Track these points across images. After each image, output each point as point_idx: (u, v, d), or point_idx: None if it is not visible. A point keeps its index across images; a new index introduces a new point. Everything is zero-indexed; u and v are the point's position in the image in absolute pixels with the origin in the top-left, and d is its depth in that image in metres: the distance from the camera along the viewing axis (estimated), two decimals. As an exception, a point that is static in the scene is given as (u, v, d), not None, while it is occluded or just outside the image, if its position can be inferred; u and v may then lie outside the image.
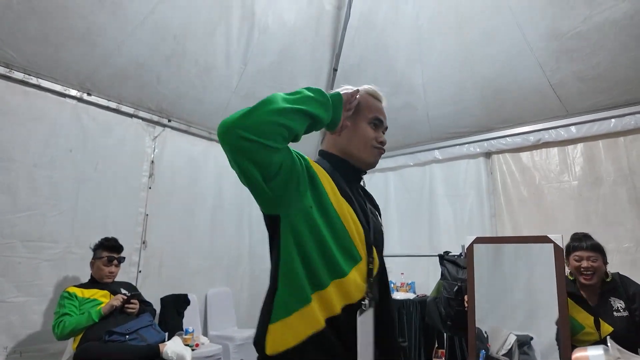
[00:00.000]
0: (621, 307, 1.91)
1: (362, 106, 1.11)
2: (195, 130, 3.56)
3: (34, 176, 2.53)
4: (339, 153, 1.10)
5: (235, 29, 3.11)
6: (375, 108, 1.14)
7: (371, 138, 1.10)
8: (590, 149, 3.11)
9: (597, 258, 1.97)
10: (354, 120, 1.09)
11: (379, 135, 1.12)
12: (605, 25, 2.63)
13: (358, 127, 1.09)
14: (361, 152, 1.10)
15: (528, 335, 2.08)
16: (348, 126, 1.05)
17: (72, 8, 2.41)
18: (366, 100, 1.13)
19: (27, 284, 2.45)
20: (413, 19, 3.23)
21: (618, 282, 1.99)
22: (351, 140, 1.09)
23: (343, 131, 1.06)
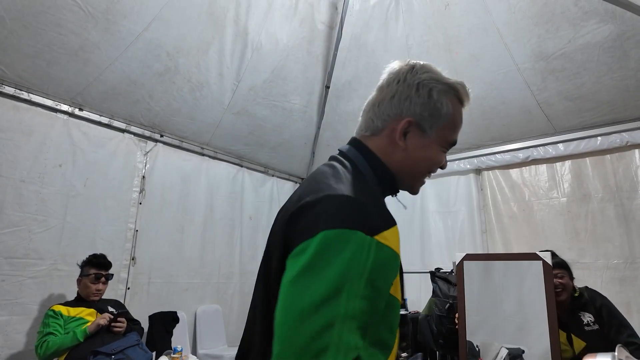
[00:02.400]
0: (591, 321, 1.94)
1: (449, 119, 0.79)
2: (188, 145, 3.56)
3: (22, 192, 2.50)
4: (392, 168, 0.80)
5: (229, 47, 3.15)
6: (460, 125, 0.83)
7: (439, 165, 0.83)
8: (578, 166, 3.16)
9: (563, 274, 2.02)
10: (429, 136, 0.78)
11: (445, 159, 0.84)
12: (589, 47, 2.71)
13: (431, 149, 0.80)
14: (416, 180, 0.84)
15: (519, 349, 2.08)
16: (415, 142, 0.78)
17: (65, 25, 2.43)
18: (456, 112, 0.80)
19: (10, 302, 2.39)
20: (403, 39, 3.31)
21: (586, 297, 2.03)
22: (416, 161, 0.80)
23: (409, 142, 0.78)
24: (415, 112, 0.77)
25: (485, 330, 2.20)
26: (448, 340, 2.38)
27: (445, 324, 2.42)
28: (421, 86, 0.77)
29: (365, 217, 0.65)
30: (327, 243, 0.61)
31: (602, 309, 1.95)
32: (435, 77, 0.78)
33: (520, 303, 2.17)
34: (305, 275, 0.60)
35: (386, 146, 0.79)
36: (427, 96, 0.77)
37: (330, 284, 0.59)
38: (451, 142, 0.81)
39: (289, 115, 3.74)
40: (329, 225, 0.62)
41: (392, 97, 0.79)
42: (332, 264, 0.60)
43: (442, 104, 0.77)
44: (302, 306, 0.58)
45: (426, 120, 0.77)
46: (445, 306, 2.46)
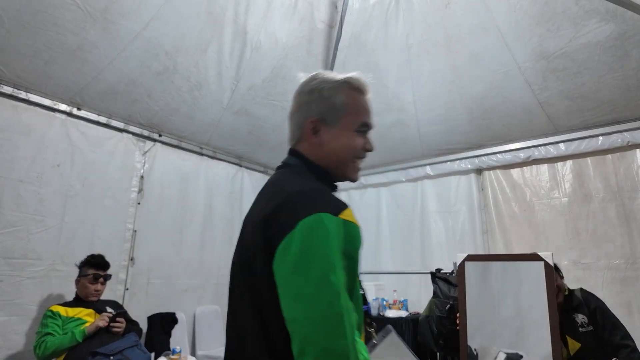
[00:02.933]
0: (585, 323, 1.93)
1: (348, 108, 0.90)
2: (186, 145, 3.55)
3: (20, 192, 2.49)
4: (322, 164, 0.90)
5: (228, 46, 3.13)
6: (363, 109, 0.92)
7: (359, 148, 0.91)
8: (579, 166, 3.15)
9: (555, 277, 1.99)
10: (336, 126, 0.89)
11: (367, 142, 0.93)
12: (590, 46, 2.70)
13: (342, 135, 0.89)
14: (346, 167, 0.92)
15: (518, 353, 2.06)
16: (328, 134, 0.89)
17: (63, 24, 2.42)
18: (352, 100, 0.91)
19: (9, 303, 2.38)
20: (403, 38, 3.29)
21: (580, 298, 2.01)
22: (335, 151, 0.90)
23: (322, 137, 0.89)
24: (316, 111, 0.90)
25: (483, 334, 2.18)
26: (448, 341, 2.37)
27: (445, 324, 2.40)
28: (313, 91, 0.91)
29: (327, 201, 0.77)
30: (308, 229, 0.71)
31: (597, 311, 1.94)
32: (323, 79, 0.91)
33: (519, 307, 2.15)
34: (301, 262, 0.70)
35: (309, 148, 0.91)
36: (320, 96, 0.90)
37: (325, 261, 0.70)
38: (362, 123, 0.91)
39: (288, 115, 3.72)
40: (303, 214, 0.72)
41: (298, 107, 0.93)
42: (320, 245, 0.70)
43: (335, 97, 0.89)
44: (309, 287, 0.68)
45: (327, 115, 0.89)
46: (446, 307, 2.45)
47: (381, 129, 3.85)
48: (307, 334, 0.67)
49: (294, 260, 0.70)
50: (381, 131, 3.87)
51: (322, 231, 0.71)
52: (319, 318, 0.67)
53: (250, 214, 0.87)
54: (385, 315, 3.35)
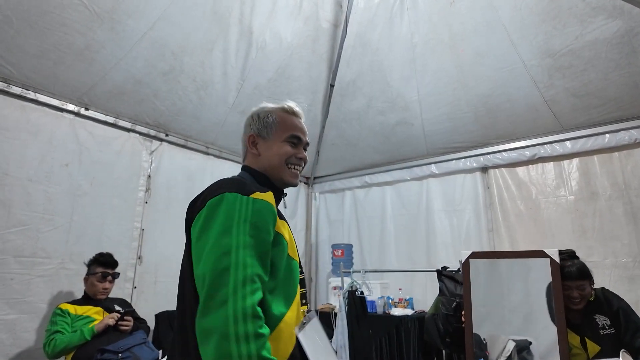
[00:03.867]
0: (607, 325, 1.86)
1: (278, 124, 1.12)
2: (193, 144, 3.57)
3: (29, 191, 2.52)
4: (263, 171, 1.11)
5: (233, 46, 3.14)
6: (291, 125, 1.14)
7: (289, 154, 1.11)
8: (586, 163, 3.13)
9: (585, 285, 1.93)
10: (270, 139, 1.12)
11: (297, 151, 1.13)
12: (596, 43, 2.68)
13: (273, 145, 1.11)
14: (280, 170, 1.11)
15: (527, 340, 2.06)
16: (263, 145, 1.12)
17: (71, 25, 2.44)
18: (281, 119, 1.14)
19: (19, 301, 2.40)
20: (408, 37, 3.29)
21: (602, 299, 1.95)
22: (268, 158, 1.11)
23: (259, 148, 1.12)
24: (253, 129, 1.15)
25: (492, 323, 2.18)
26: (455, 339, 2.37)
27: (452, 322, 2.40)
28: (253, 115, 1.17)
29: (240, 185, 0.96)
30: (212, 205, 0.91)
31: (619, 312, 1.87)
32: (263, 107, 1.18)
33: (527, 294, 2.15)
34: (203, 231, 0.89)
35: (251, 159, 1.15)
36: (257, 119, 1.15)
37: (220, 226, 0.87)
38: (291, 135, 1.12)
39: (293, 114, 3.73)
40: (211, 196, 0.93)
41: (243, 130, 1.19)
42: (219, 215, 0.89)
43: (268, 117, 1.14)
44: (205, 249, 0.86)
45: (262, 131, 1.13)
46: (452, 305, 2.45)
47: (386, 128, 3.86)
48: (201, 285, 0.83)
49: (199, 229, 0.90)
50: (386, 130, 3.88)
51: (223, 205, 0.89)
52: (209, 271, 0.82)
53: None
54: (390, 314, 3.35)
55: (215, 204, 0.90)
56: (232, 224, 0.87)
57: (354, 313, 3.11)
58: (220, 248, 0.84)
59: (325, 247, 4.57)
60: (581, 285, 1.92)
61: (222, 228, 0.86)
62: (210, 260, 0.83)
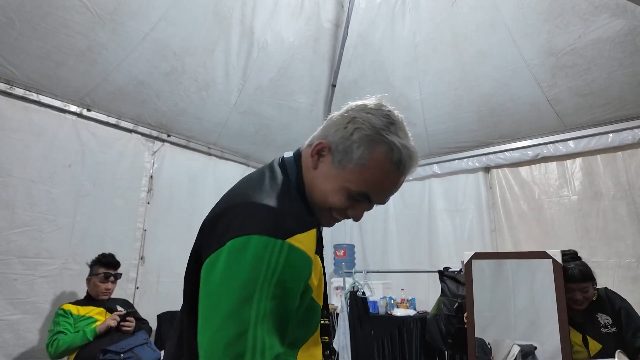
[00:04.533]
0: (609, 323, 1.89)
1: (361, 167, 0.75)
2: (195, 145, 3.57)
3: (32, 191, 2.53)
4: (306, 184, 0.82)
5: (235, 47, 3.15)
6: (377, 183, 0.77)
7: (333, 206, 0.79)
8: (589, 163, 3.11)
9: (588, 288, 1.94)
10: (336, 169, 0.77)
11: (354, 209, 0.80)
12: (600, 42, 2.67)
13: (333, 179, 0.78)
14: (318, 208, 0.82)
15: (532, 345, 2.05)
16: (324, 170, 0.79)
17: (73, 26, 2.45)
18: (373, 164, 0.75)
19: (23, 301, 2.42)
20: (409, 37, 3.28)
21: (605, 299, 1.96)
22: (315, 185, 0.80)
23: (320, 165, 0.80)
24: (334, 140, 0.78)
25: (496, 328, 2.18)
26: (457, 340, 2.37)
27: (454, 323, 2.40)
28: (352, 122, 0.77)
29: (275, 221, 0.68)
30: (234, 251, 0.65)
31: (621, 311, 1.89)
32: (373, 123, 0.76)
33: (532, 299, 2.15)
34: (219, 285, 0.64)
35: (307, 160, 0.82)
36: (350, 133, 0.76)
37: (240, 291, 0.63)
38: (355, 191, 0.76)
39: (295, 114, 3.73)
40: (237, 233, 0.66)
41: (332, 121, 0.82)
42: (241, 271, 0.64)
43: (359, 148, 0.75)
44: (217, 317, 0.63)
45: (338, 153, 0.77)
46: (454, 305, 2.44)
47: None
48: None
49: (214, 282, 0.66)
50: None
51: (245, 258, 0.64)
52: (218, 353, 0.61)
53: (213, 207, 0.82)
54: (393, 314, 3.35)
55: (239, 251, 0.65)
56: (255, 287, 0.63)
57: (356, 313, 3.11)
58: (237, 325, 0.62)
59: (327, 247, 4.57)
60: (584, 288, 1.93)
61: (242, 294, 0.63)
62: (222, 340, 0.61)
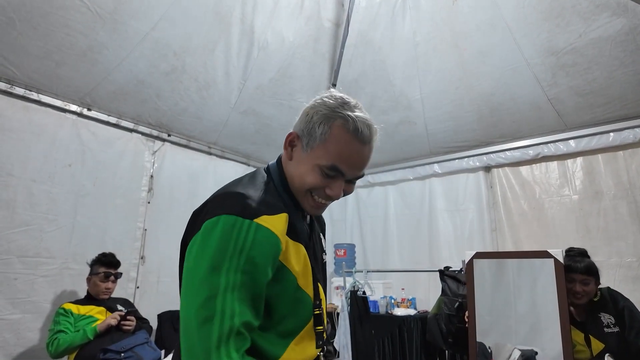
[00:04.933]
0: (611, 323, 1.88)
1: (326, 142, 0.81)
2: (195, 144, 3.57)
3: (33, 191, 2.53)
4: (289, 180, 0.89)
5: (235, 46, 3.14)
6: (339, 152, 0.81)
7: (311, 186, 0.84)
8: (590, 163, 3.11)
9: (590, 281, 1.94)
10: (306, 152, 0.84)
11: (330, 186, 0.84)
12: (600, 41, 2.66)
13: (304, 165, 0.84)
14: (299, 195, 0.88)
15: (532, 350, 2.05)
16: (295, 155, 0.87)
17: (73, 26, 2.45)
18: (337, 138, 0.81)
19: (23, 301, 2.42)
20: (410, 36, 3.28)
21: (607, 298, 1.96)
22: (292, 174, 0.88)
23: (293, 155, 0.88)
24: (300, 128, 0.86)
25: (497, 332, 2.17)
26: (457, 339, 2.36)
27: (454, 322, 2.40)
28: (310, 108, 0.86)
29: (243, 204, 0.76)
30: (207, 229, 0.74)
31: (624, 311, 1.88)
32: (326, 104, 0.84)
33: (534, 303, 2.14)
34: (194, 260, 0.73)
35: (284, 156, 0.91)
36: (310, 117, 0.84)
37: (209, 260, 0.70)
38: (330, 166, 0.81)
39: (295, 114, 3.63)
40: (209, 215, 0.75)
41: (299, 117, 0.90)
42: (211, 244, 0.72)
43: (320, 126, 0.82)
44: (191, 286, 0.71)
45: (305, 137, 0.84)
46: (455, 305, 2.44)
47: (388, 127, 3.84)
48: (183, 332, 0.69)
49: (190, 259, 0.74)
50: (388, 129, 3.86)
51: (217, 231, 0.72)
52: (191, 317, 0.68)
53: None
54: (393, 314, 3.34)
55: (210, 229, 0.73)
56: (224, 258, 0.70)
57: (356, 313, 3.10)
58: (206, 290, 0.68)
59: (327, 247, 4.55)
60: (585, 280, 1.93)
61: (211, 262, 0.70)
62: (194, 304, 0.68)
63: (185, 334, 0.69)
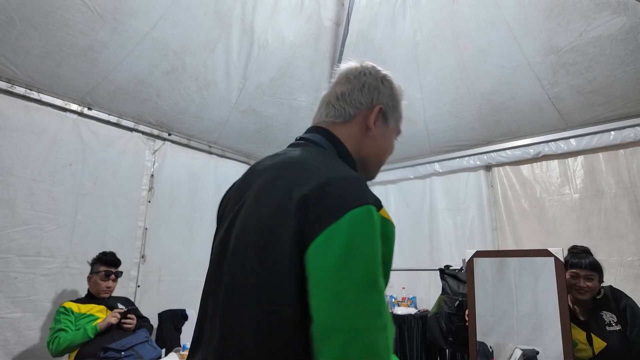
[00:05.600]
0: (613, 321, 1.88)
1: (400, 113, 0.90)
2: (195, 144, 3.58)
3: (33, 190, 2.54)
4: (357, 156, 0.84)
5: (235, 45, 3.15)
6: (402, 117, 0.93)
7: (391, 152, 0.92)
8: (591, 161, 3.10)
9: (594, 277, 1.94)
10: (390, 123, 0.88)
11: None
12: (601, 40, 2.66)
13: (389, 136, 0.89)
14: (377, 167, 0.90)
15: (534, 350, 2.04)
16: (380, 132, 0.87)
17: (74, 25, 2.45)
18: (401, 107, 0.91)
19: (23, 300, 2.42)
20: (410, 35, 3.27)
21: (609, 296, 1.96)
22: (381, 147, 0.87)
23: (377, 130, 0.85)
24: (384, 101, 0.85)
25: (499, 331, 2.17)
26: (458, 338, 2.36)
27: (454, 321, 2.39)
28: (385, 80, 0.87)
29: (371, 194, 0.66)
30: (358, 221, 0.61)
31: (626, 309, 1.88)
32: (390, 79, 0.89)
33: (535, 303, 2.13)
34: (348, 259, 0.59)
35: (357, 133, 0.83)
36: (391, 88, 0.87)
37: (374, 261, 0.60)
38: (400, 131, 0.92)
39: (295, 113, 3.73)
40: (353, 204, 0.62)
41: (361, 87, 0.85)
42: (369, 242, 0.61)
43: (399, 97, 0.88)
44: (359, 288, 0.58)
45: (390, 110, 0.86)
46: (455, 304, 2.44)
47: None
48: (347, 343, 0.56)
49: (339, 254, 0.59)
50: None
51: (372, 227, 0.61)
52: (364, 328, 0.57)
53: (260, 191, 0.73)
54: (394, 313, 3.34)
55: (363, 222, 0.61)
56: (377, 266, 0.61)
57: (357, 312, 3.10)
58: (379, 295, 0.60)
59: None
60: (589, 276, 1.93)
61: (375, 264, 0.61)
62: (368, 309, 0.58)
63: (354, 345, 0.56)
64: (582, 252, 2.05)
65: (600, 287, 1.98)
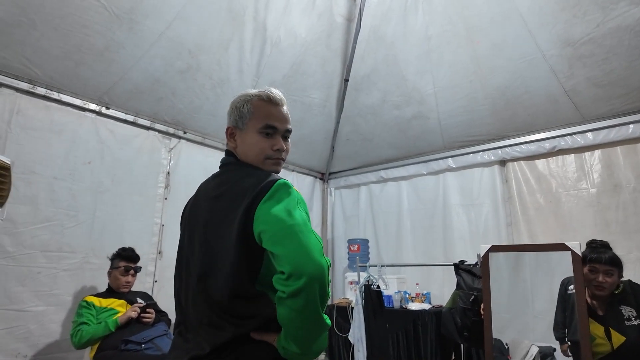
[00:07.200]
0: (632, 316, 1.85)
1: (252, 114, 1.10)
2: (210, 142, 3.62)
3: (54, 188, 2.61)
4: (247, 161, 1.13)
5: (248, 44, 3.18)
6: (265, 114, 1.09)
7: (261, 149, 1.09)
8: (608, 155, 3.05)
9: (613, 272, 1.92)
10: (245, 130, 1.10)
11: (274, 143, 1.09)
12: (619, 31, 2.61)
13: (248, 137, 1.10)
14: (260, 164, 1.10)
15: (551, 347, 2.03)
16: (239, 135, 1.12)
17: (91, 26, 2.51)
18: (258, 108, 1.10)
19: (46, 294, 2.50)
20: (423, 30, 3.26)
21: (628, 291, 1.93)
22: (245, 151, 1.12)
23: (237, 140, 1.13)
24: (231, 120, 1.15)
25: (514, 328, 2.16)
26: (473, 333, 2.36)
27: (469, 316, 2.39)
28: (232, 104, 1.16)
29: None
30: (283, 184, 0.98)
31: None
32: (239, 97, 1.15)
33: (551, 300, 2.12)
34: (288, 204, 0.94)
35: (231, 148, 1.17)
36: (234, 109, 1.14)
37: (302, 207, 0.96)
38: (265, 125, 1.08)
39: (308, 110, 3.75)
40: (276, 178, 0.99)
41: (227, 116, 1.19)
42: (295, 193, 0.98)
43: (243, 108, 1.11)
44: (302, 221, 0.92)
45: (239, 122, 1.12)
46: (470, 298, 2.43)
47: (401, 122, 3.84)
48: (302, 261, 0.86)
49: (281, 199, 0.94)
50: (401, 124, 3.85)
51: (292, 187, 0.99)
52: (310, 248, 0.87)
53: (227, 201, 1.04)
54: (408, 308, 3.35)
55: (285, 184, 0.98)
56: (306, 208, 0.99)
57: (371, 307, 3.12)
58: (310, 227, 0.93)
59: (341, 242, 4.58)
60: (609, 271, 1.90)
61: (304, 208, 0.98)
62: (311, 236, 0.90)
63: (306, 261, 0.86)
64: (602, 247, 2.02)
65: (619, 282, 1.95)
